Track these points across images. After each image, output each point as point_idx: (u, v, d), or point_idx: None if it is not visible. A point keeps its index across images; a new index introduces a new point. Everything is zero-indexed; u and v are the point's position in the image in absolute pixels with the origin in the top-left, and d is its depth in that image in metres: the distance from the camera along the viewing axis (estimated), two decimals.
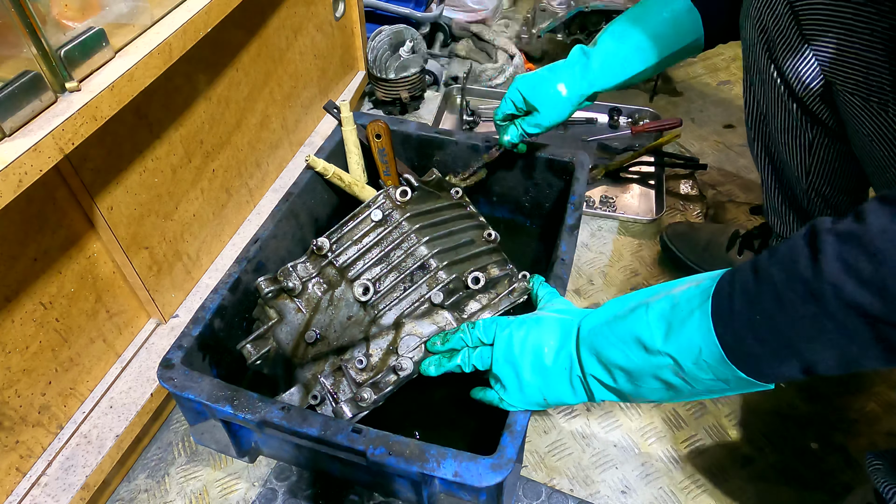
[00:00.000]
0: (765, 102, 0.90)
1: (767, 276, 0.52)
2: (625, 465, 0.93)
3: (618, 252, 1.26)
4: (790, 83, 0.82)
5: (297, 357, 0.86)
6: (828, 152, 0.88)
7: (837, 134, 0.85)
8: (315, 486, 0.91)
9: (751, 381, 0.54)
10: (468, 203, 1.00)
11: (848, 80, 0.73)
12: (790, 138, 0.90)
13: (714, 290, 0.55)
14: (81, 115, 0.69)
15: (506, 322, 0.72)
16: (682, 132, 1.51)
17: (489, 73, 1.69)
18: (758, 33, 0.83)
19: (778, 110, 0.88)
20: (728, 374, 0.55)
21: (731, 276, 0.56)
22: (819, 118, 0.84)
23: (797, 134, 0.89)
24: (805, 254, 0.50)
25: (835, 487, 0.90)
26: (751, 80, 0.91)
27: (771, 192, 1.00)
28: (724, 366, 0.54)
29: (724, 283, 0.56)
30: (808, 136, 0.87)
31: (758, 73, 0.88)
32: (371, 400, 0.78)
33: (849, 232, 0.48)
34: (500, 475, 0.64)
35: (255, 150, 1.18)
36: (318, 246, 0.88)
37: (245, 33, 1.09)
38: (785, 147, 0.92)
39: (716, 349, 0.54)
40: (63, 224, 0.80)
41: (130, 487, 0.92)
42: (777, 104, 0.87)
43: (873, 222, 0.46)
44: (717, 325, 0.54)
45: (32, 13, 0.65)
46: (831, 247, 0.48)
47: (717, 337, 0.54)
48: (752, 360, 0.54)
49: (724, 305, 0.54)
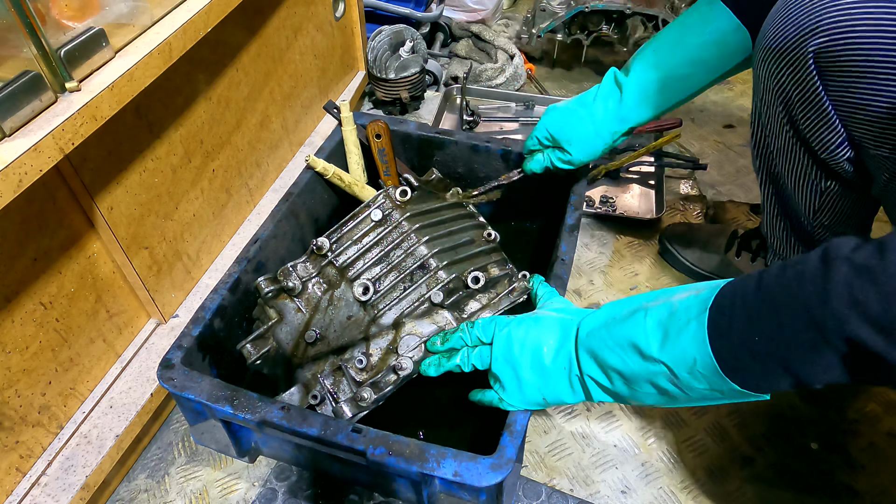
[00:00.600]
0: (775, 145, 0.84)
1: (770, 296, 0.51)
2: (625, 465, 0.93)
3: (618, 252, 1.26)
4: (812, 146, 0.76)
5: (296, 357, 0.86)
6: (840, 199, 0.84)
7: (854, 185, 0.81)
8: (315, 486, 0.91)
9: (745, 392, 0.54)
10: (468, 203, 1.00)
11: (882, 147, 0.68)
12: (800, 183, 0.84)
13: (713, 301, 0.55)
14: (81, 115, 0.69)
15: (505, 321, 0.72)
16: (682, 132, 1.51)
17: (489, 73, 1.69)
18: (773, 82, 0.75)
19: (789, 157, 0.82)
20: (722, 386, 0.55)
21: (733, 289, 0.55)
22: (837, 173, 0.79)
23: (808, 182, 0.83)
24: (814, 280, 0.48)
25: (835, 487, 0.90)
26: (759, 112, 0.84)
27: (772, 217, 0.96)
28: (719, 377, 0.54)
29: (725, 295, 0.55)
30: (821, 186, 0.83)
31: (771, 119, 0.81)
32: (371, 400, 0.78)
33: (866, 266, 0.45)
34: (500, 475, 0.64)
35: (255, 150, 1.18)
36: (317, 246, 0.89)
37: (245, 33, 1.09)
38: (792, 187, 0.86)
39: (710, 361, 0.54)
40: (63, 224, 0.80)
41: (130, 487, 0.92)
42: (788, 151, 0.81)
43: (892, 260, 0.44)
44: (713, 338, 0.54)
45: (32, 13, 0.65)
46: (843, 277, 0.46)
47: (712, 350, 0.53)
48: (746, 375, 0.53)
49: (723, 319, 0.54)
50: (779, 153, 0.84)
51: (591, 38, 1.71)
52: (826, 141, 0.74)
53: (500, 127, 1.57)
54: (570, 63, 1.86)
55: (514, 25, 1.91)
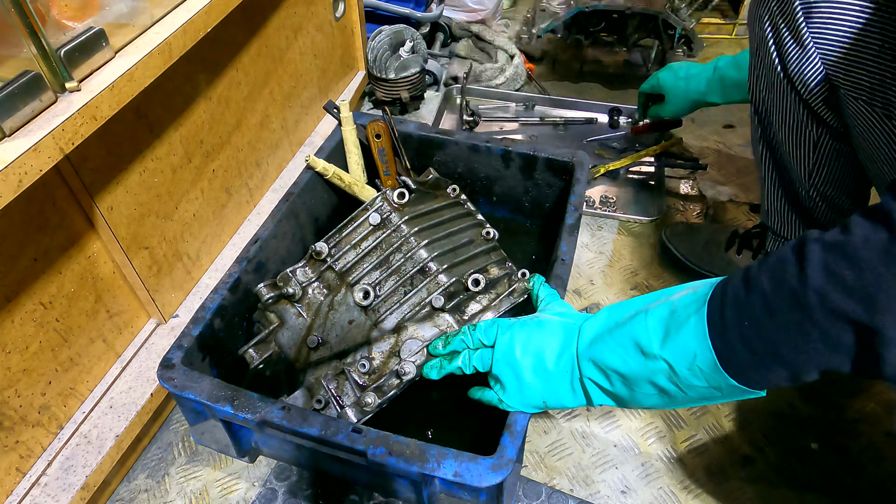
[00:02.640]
0: (770, 100, 0.89)
1: (757, 284, 0.54)
2: (625, 465, 0.93)
3: (618, 252, 1.26)
4: (795, 84, 0.81)
5: (299, 361, 0.86)
6: (831, 152, 0.88)
7: (841, 135, 0.85)
8: (315, 486, 0.91)
9: (742, 388, 0.56)
10: (465, 201, 1.00)
11: (852, 85, 0.73)
12: (794, 136, 0.90)
13: (710, 297, 0.57)
14: (81, 115, 0.69)
15: (507, 324, 0.72)
16: (682, 132, 1.51)
17: (489, 73, 1.69)
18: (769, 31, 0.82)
19: (783, 108, 0.88)
20: (720, 381, 0.56)
21: (724, 284, 0.57)
22: (823, 119, 0.84)
23: (801, 132, 0.88)
24: (792, 262, 0.51)
25: (835, 487, 0.90)
26: (756, 76, 0.91)
27: (772, 192, 1.00)
28: (717, 372, 0.55)
29: (718, 290, 0.57)
30: (813, 135, 0.87)
31: (764, 70, 0.87)
32: (375, 404, 0.78)
33: (834, 242, 0.49)
34: (500, 475, 0.64)
35: (255, 150, 1.18)
36: (316, 251, 0.88)
37: (245, 33, 1.08)
38: (789, 144, 0.91)
39: (709, 355, 0.55)
40: (63, 224, 0.80)
41: (130, 487, 0.92)
42: (782, 102, 0.87)
43: (857, 233, 0.48)
44: (710, 332, 0.55)
45: (32, 13, 0.65)
46: (817, 255, 0.50)
47: (711, 343, 0.55)
48: (741, 367, 0.55)
49: (717, 312, 0.55)
50: (773, 106, 0.89)
51: (590, 38, 1.71)
52: (806, 76, 0.78)
53: (500, 127, 1.57)
54: (570, 63, 1.86)
55: (514, 25, 1.91)
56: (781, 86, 0.85)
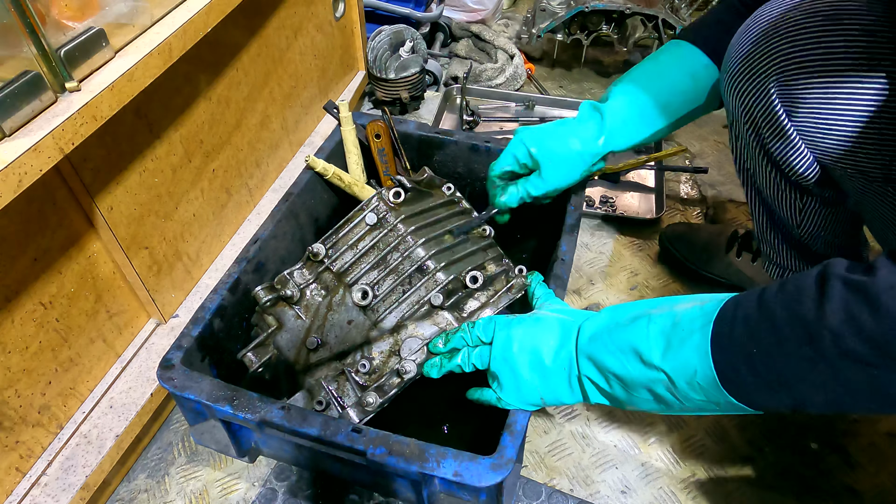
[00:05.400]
0: (752, 167, 0.85)
1: (770, 311, 0.52)
2: (625, 465, 0.93)
3: (618, 252, 1.26)
4: (781, 168, 0.77)
5: (298, 363, 0.86)
6: (820, 214, 0.85)
7: (832, 201, 0.82)
8: (315, 486, 0.91)
9: (741, 406, 0.55)
10: (461, 199, 1.00)
11: (853, 168, 0.69)
12: (778, 201, 0.86)
13: (717, 314, 0.56)
14: (81, 115, 0.69)
15: (505, 321, 0.72)
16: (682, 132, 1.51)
17: (489, 73, 1.69)
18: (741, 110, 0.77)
19: (766, 178, 0.84)
20: (720, 398, 0.56)
21: (736, 304, 0.56)
22: (810, 192, 0.81)
23: (786, 200, 0.85)
24: (811, 296, 0.50)
25: (835, 487, 0.90)
26: (737, 135, 0.85)
27: (762, 227, 0.96)
28: (717, 390, 0.55)
29: (728, 309, 0.56)
30: (799, 203, 0.84)
31: (744, 143, 0.83)
32: (376, 404, 0.78)
33: (857, 283, 0.48)
34: (500, 475, 0.64)
35: (255, 150, 1.18)
36: (313, 252, 0.88)
37: (245, 33, 1.08)
38: (773, 204, 0.88)
39: (710, 373, 0.55)
40: (63, 224, 0.80)
41: (130, 487, 0.92)
42: (763, 172, 0.83)
43: (882, 276, 0.47)
44: (714, 351, 0.54)
45: (32, 13, 0.65)
46: (838, 293, 0.48)
47: (713, 362, 0.54)
48: (743, 388, 0.54)
49: (725, 332, 0.54)
50: (756, 173, 0.86)
51: (590, 38, 1.71)
52: (794, 165, 0.75)
53: (500, 127, 1.57)
54: (570, 63, 1.86)
55: (514, 25, 1.91)
56: (763, 164, 0.81)
